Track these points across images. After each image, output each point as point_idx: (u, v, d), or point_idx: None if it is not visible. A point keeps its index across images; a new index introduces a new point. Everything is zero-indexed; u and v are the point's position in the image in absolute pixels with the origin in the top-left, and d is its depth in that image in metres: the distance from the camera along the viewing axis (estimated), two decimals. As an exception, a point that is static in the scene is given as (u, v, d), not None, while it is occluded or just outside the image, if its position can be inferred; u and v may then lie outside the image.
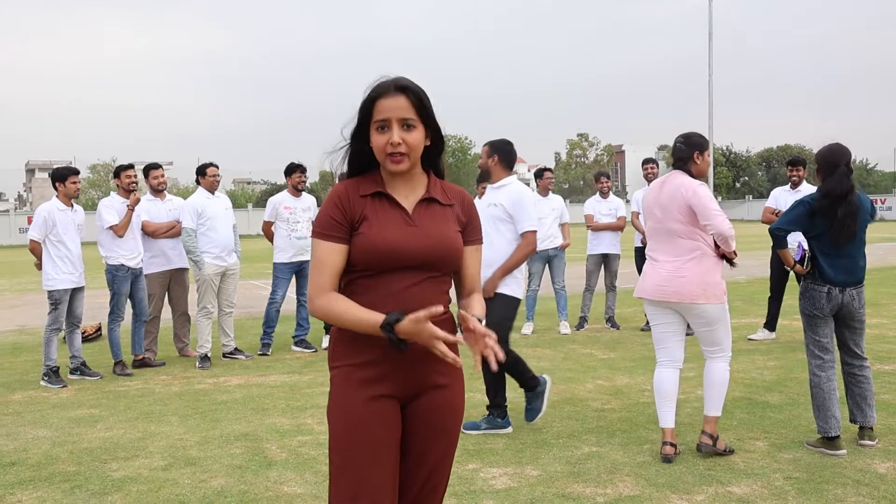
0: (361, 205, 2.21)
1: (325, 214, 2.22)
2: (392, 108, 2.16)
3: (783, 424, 5.06)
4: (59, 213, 6.76)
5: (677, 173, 4.47)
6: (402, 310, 2.09)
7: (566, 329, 8.91)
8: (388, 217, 2.21)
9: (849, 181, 4.50)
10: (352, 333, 2.17)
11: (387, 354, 2.16)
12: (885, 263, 15.84)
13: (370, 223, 2.19)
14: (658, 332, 4.56)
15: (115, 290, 7.13)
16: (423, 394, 2.26)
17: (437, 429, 2.29)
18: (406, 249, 2.18)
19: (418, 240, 2.20)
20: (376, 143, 2.18)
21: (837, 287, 4.50)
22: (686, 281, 4.31)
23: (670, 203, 4.37)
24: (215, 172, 7.70)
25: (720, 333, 4.43)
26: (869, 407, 4.62)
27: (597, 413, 5.44)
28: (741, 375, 6.37)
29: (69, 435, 5.18)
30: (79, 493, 4.12)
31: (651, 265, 4.50)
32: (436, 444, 2.30)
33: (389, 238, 2.17)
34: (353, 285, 2.22)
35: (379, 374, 2.18)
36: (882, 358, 7.00)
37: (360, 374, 2.18)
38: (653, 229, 4.53)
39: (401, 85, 2.18)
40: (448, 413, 2.30)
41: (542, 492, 3.98)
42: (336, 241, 2.19)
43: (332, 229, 2.19)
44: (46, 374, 6.72)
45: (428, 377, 2.25)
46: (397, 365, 2.19)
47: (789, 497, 3.84)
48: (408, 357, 2.17)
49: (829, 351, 4.59)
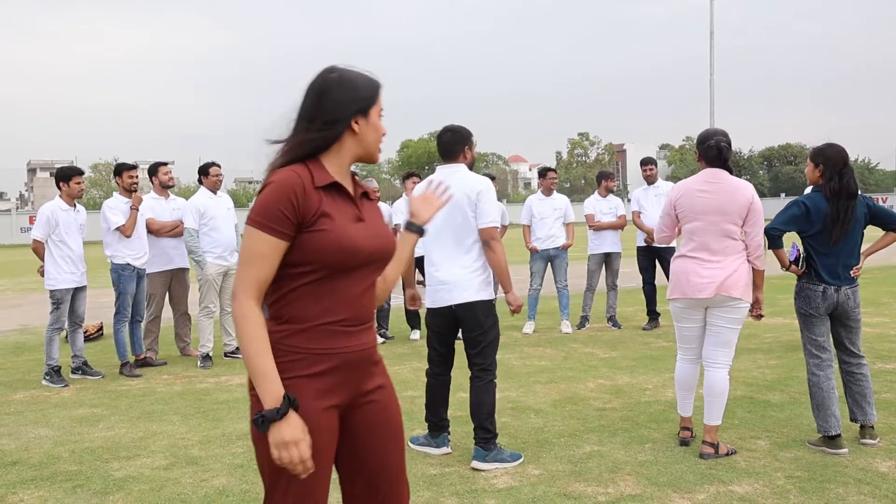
0: (318, 198, 2.02)
1: (273, 205, 1.98)
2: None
3: (784, 423, 5.06)
4: (61, 212, 6.77)
5: (723, 172, 4.45)
6: (294, 400, 1.96)
7: (567, 328, 8.91)
8: (345, 212, 2.07)
9: (856, 181, 4.50)
10: (302, 345, 2.02)
11: (339, 364, 2.06)
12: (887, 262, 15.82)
13: (331, 219, 2.02)
14: (687, 332, 4.56)
15: (120, 290, 7.13)
16: (361, 401, 2.15)
17: (386, 430, 2.20)
18: (366, 248, 2.07)
19: (373, 238, 2.11)
20: (381, 129, 2.18)
21: (832, 286, 4.50)
22: (737, 277, 4.34)
23: (730, 205, 4.35)
24: (218, 172, 7.70)
25: (737, 334, 4.48)
26: (869, 405, 4.62)
27: (598, 412, 5.44)
28: (742, 375, 6.37)
29: (71, 434, 5.18)
30: (80, 492, 4.12)
31: (698, 264, 4.38)
32: (388, 447, 2.21)
33: (353, 235, 2.05)
34: (298, 292, 2.04)
35: (331, 385, 2.06)
36: (883, 357, 6.99)
37: (313, 384, 2.03)
38: (700, 229, 4.39)
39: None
40: (392, 413, 2.23)
41: (544, 491, 3.98)
42: (283, 238, 1.99)
43: (280, 223, 1.98)
44: (48, 374, 6.72)
45: (368, 381, 2.17)
46: (349, 373, 2.10)
47: (791, 496, 3.84)
48: (353, 365, 2.10)
49: (827, 350, 4.59)
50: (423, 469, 4.34)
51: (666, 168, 72.02)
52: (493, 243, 4.42)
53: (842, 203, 4.46)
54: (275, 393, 1.94)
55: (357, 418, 2.16)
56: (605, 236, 9.21)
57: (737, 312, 4.40)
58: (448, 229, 4.44)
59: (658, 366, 6.91)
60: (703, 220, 4.39)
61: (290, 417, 1.94)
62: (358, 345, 2.10)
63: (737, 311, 4.40)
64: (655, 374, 6.56)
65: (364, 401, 2.16)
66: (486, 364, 4.47)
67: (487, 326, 4.45)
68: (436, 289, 4.52)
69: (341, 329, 2.06)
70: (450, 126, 4.67)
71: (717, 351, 4.46)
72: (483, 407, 4.42)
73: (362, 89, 2.13)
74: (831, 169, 4.51)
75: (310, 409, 2.01)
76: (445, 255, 4.48)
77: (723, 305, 4.37)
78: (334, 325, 2.05)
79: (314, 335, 2.03)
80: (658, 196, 8.76)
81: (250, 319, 1.97)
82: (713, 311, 4.42)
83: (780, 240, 4.61)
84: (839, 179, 4.48)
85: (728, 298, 4.34)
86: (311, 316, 2.03)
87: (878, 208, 4.66)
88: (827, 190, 4.50)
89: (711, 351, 4.48)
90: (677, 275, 4.49)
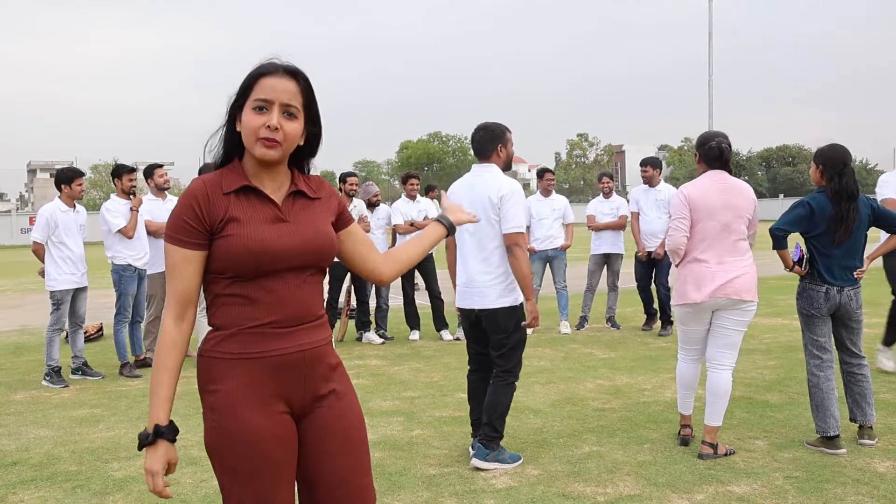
0: (225, 203, 1.97)
1: (178, 217, 1.96)
2: (277, 90, 1.98)
3: (783, 424, 5.06)
4: (61, 214, 6.78)
5: (725, 174, 4.47)
6: (169, 426, 1.95)
7: (566, 329, 8.91)
8: (259, 214, 1.99)
9: (856, 182, 4.50)
10: (230, 352, 1.98)
11: (274, 367, 1.99)
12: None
13: (240, 223, 1.96)
14: (694, 335, 4.55)
15: (121, 291, 7.13)
16: (315, 406, 2.06)
17: (341, 438, 2.08)
18: (283, 248, 1.98)
19: (294, 237, 2.00)
20: (250, 123, 1.96)
21: (835, 287, 4.50)
22: (748, 279, 4.36)
23: (743, 201, 4.40)
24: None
25: (743, 335, 4.48)
26: (868, 405, 4.62)
27: (597, 413, 5.44)
28: (741, 375, 6.37)
29: (71, 435, 5.19)
30: (80, 492, 4.12)
31: (707, 268, 4.34)
32: (344, 456, 2.08)
33: (265, 237, 1.96)
34: (225, 296, 2.00)
35: (272, 390, 1.99)
36: (882, 357, 6.98)
37: (251, 391, 1.96)
38: (711, 230, 4.36)
39: (292, 68, 2.02)
40: (351, 421, 2.11)
41: (543, 491, 3.98)
42: (191, 247, 1.96)
43: (187, 234, 1.95)
44: (48, 374, 6.72)
45: (320, 384, 2.07)
46: (290, 376, 2.01)
47: (789, 496, 3.84)
48: (294, 367, 2.01)
49: (828, 350, 4.59)
50: (422, 469, 4.34)
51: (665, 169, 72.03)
52: (516, 249, 4.29)
53: (843, 204, 4.46)
54: (154, 417, 1.96)
55: (308, 425, 2.07)
56: (605, 237, 9.20)
57: (746, 315, 4.41)
58: (470, 232, 4.39)
59: (657, 366, 6.92)
60: (716, 219, 4.36)
61: (157, 447, 1.94)
62: (294, 346, 2.01)
63: (746, 314, 4.41)
64: (654, 375, 6.56)
65: (316, 406, 2.07)
66: (509, 367, 4.43)
67: (511, 331, 4.38)
68: (462, 291, 4.48)
69: (271, 331, 1.99)
70: (483, 124, 4.57)
71: (723, 353, 4.45)
72: (497, 406, 4.38)
73: (241, 85, 2.02)
74: (831, 170, 4.51)
75: (249, 416, 1.96)
76: (468, 259, 4.43)
77: (732, 308, 4.38)
78: (263, 328, 1.99)
79: (243, 339, 1.98)
80: (658, 201, 8.61)
81: (162, 337, 2.02)
82: (721, 313, 4.41)
83: (785, 240, 4.60)
84: (839, 180, 4.48)
85: (738, 301, 4.34)
86: (238, 320, 1.99)
87: (881, 210, 4.66)
88: (829, 191, 4.50)
89: (717, 353, 4.46)
90: (686, 279, 4.43)
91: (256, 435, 1.95)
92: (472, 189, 4.44)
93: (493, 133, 4.50)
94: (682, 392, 4.69)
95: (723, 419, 4.48)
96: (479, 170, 4.50)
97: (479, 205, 4.33)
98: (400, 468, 4.33)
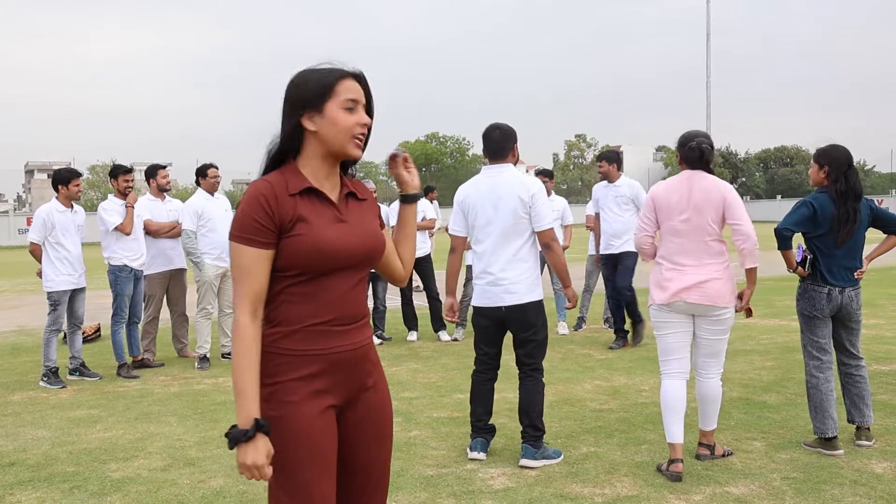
0: (292, 204, 2.03)
1: (248, 217, 2.00)
2: (358, 91, 2.07)
3: (781, 425, 5.06)
4: (58, 214, 6.76)
5: (701, 173, 4.29)
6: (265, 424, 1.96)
7: (564, 329, 8.91)
8: (322, 215, 2.06)
9: (860, 183, 4.49)
10: (292, 348, 2.04)
11: (331, 364, 2.07)
12: (883, 264, 15.84)
13: (308, 223, 2.02)
14: (671, 341, 4.32)
15: (117, 292, 7.12)
16: (357, 399, 2.16)
17: (378, 433, 2.20)
18: (346, 248, 2.06)
19: (355, 237, 2.09)
20: (344, 122, 2.04)
21: (837, 288, 4.50)
22: (722, 283, 4.19)
23: (705, 204, 4.19)
24: (216, 174, 7.70)
25: (725, 342, 4.36)
26: (866, 407, 4.62)
27: (595, 413, 5.44)
28: (739, 376, 6.37)
29: (68, 435, 5.18)
30: (78, 493, 4.11)
31: (678, 270, 4.23)
32: (380, 450, 2.21)
33: (331, 237, 2.04)
34: (287, 293, 2.05)
35: (327, 385, 2.07)
36: (879, 358, 7.00)
37: (307, 387, 2.04)
38: (678, 231, 4.25)
39: (359, 71, 2.11)
40: (384, 414, 2.23)
41: (541, 492, 3.98)
42: (263, 247, 2.01)
43: (259, 233, 2.00)
44: (46, 375, 6.71)
45: (364, 379, 2.16)
46: (343, 373, 2.10)
47: (786, 497, 3.84)
48: (347, 364, 2.10)
49: (828, 352, 4.58)
50: (420, 470, 4.34)
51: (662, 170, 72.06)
52: (553, 244, 4.42)
53: (849, 204, 4.45)
54: (248, 414, 1.96)
55: (346, 416, 2.15)
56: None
57: (723, 323, 4.26)
58: (498, 230, 4.39)
59: (654, 367, 6.87)
60: (682, 218, 4.22)
61: (257, 441, 1.95)
62: (349, 344, 2.10)
63: (723, 322, 4.25)
64: (652, 376, 6.56)
65: (357, 398, 2.16)
66: (537, 364, 4.47)
67: (538, 326, 4.44)
68: (485, 289, 4.46)
69: (330, 329, 2.06)
70: (497, 124, 4.55)
71: (709, 362, 4.36)
72: (535, 406, 4.41)
73: (312, 85, 2.05)
74: (837, 170, 4.48)
75: (305, 410, 2.03)
76: (496, 257, 4.41)
77: (708, 315, 4.23)
78: (323, 326, 2.05)
79: (304, 336, 2.04)
80: (618, 198, 7.94)
81: (241, 336, 2.01)
82: (700, 322, 4.28)
83: (791, 241, 4.53)
84: (845, 181, 4.46)
85: (711, 308, 4.20)
86: (299, 318, 2.04)
87: (879, 211, 4.64)
88: (833, 191, 4.48)
89: (703, 362, 4.38)
90: (653, 281, 4.34)
91: (308, 427, 2.03)
92: (495, 189, 4.41)
93: (509, 132, 4.52)
94: (667, 416, 4.24)
95: (719, 420, 4.47)
96: (494, 170, 4.48)
97: (507, 205, 4.34)
98: (398, 468, 4.32)
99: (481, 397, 4.59)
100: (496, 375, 4.64)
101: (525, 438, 4.41)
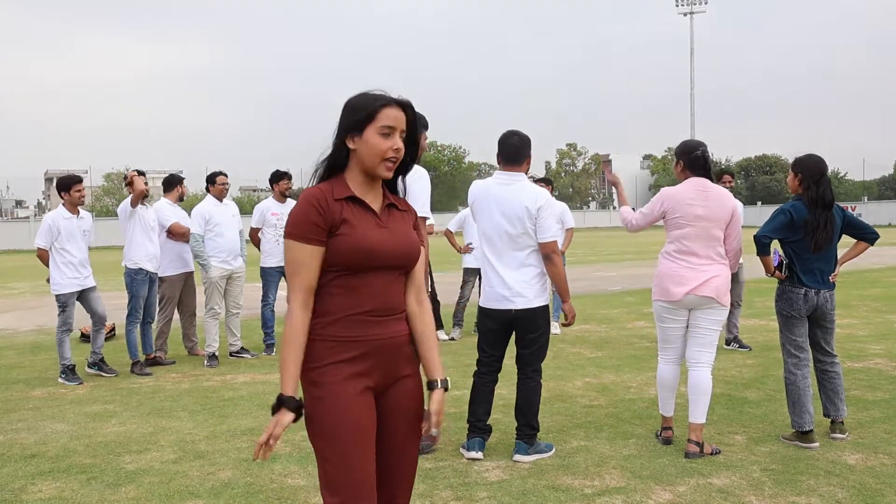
0: (338, 208, 2.20)
1: (303, 218, 2.18)
2: (398, 119, 2.22)
3: (760, 419, 5.07)
4: (63, 220, 6.72)
5: (708, 182, 4.42)
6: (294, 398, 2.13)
7: (556, 329, 8.91)
8: (365, 220, 2.22)
9: (832, 191, 4.52)
10: (337, 333, 2.18)
11: (369, 350, 2.20)
12: (856, 267, 15.88)
13: (351, 225, 2.19)
14: (671, 333, 4.51)
15: (133, 293, 7.11)
16: (394, 384, 2.29)
17: (412, 417, 2.32)
18: (383, 249, 2.21)
19: (393, 241, 2.24)
20: (378, 145, 2.20)
21: (813, 289, 4.52)
22: (723, 280, 4.36)
23: (721, 211, 4.36)
24: (224, 181, 7.71)
25: (718, 333, 4.48)
26: (840, 401, 4.64)
27: (585, 409, 5.44)
28: (721, 373, 6.38)
29: (85, 429, 5.17)
30: (94, 484, 4.11)
31: (684, 268, 4.36)
32: (413, 434, 2.34)
33: (371, 239, 2.20)
34: (331, 286, 2.21)
35: (366, 369, 2.20)
36: (852, 356, 7.02)
37: (349, 369, 2.18)
38: (691, 235, 4.35)
39: (405, 101, 2.26)
40: (419, 401, 2.35)
41: (533, 484, 3.98)
42: (317, 244, 2.17)
43: (315, 232, 2.17)
44: (63, 373, 6.70)
45: (400, 368, 2.29)
46: (380, 359, 2.23)
47: (766, 487, 3.85)
48: (384, 351, 2.23)
49: (805, 350, 4.60)
50: (418, 463, 4.33)
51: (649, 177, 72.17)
52: (553, 257, 4.34)
53: (818, 212, 4.47)
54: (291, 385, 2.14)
55: (384, 400, 2.28)
56: None
57: (720, 315, 4.41)
58: (506, 238, 4.36)
59: (642, 365, 6.92)
60: (696, 226, 4.34)
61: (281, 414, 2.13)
62: (386, 333, 2.23)
63: (720, 314, 4.41)
64: (639, 373, 6.57)
65: (392, 386, 2.28)
66: (537, 366, 4.47)
67: (543, 329, 4.44)
68: (494, 293, 4.41)
69: (369, 319, 2.20)
70: (515, 130, 4.49)
71: (702, 351, 4.45)
72: (532, 406, 4.42)
73: (358, 109, 2.22)
74: (808, 179, 4.52)
75: (346, 390, 2.17)
76: (505, 263, 4.38)
77: (706, 308, 4.38)
78: (363, 316, 2.19)
79: (346, 324, 2.19)
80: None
81: (292, 323, 2.17)
82: (697, 313, 4.41)
83: (769, 247, 4.60)
84: (816, 189, 4.49)
85: (712, 301, 4.34)
86: (341, 308, 2.19)
87: (851, 218, 4.68)
88: (806, 199, 4.52)
89: (696, 352, 4.46)
90: (665, 277, 4.43)
91: (351, 404, 2.16)
92: (504, 198, 4.37)
93: (526, 140, 4.47)
94: (662, 394, 4.62)
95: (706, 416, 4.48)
96: (507, 178, 4.43)
97: (514, 214, 4.32)
98: (398, 461, 4.31)
99: (482, 398, 4.55)
100: (498, 378, 4.61)
101: (520, 436, 4.41)
